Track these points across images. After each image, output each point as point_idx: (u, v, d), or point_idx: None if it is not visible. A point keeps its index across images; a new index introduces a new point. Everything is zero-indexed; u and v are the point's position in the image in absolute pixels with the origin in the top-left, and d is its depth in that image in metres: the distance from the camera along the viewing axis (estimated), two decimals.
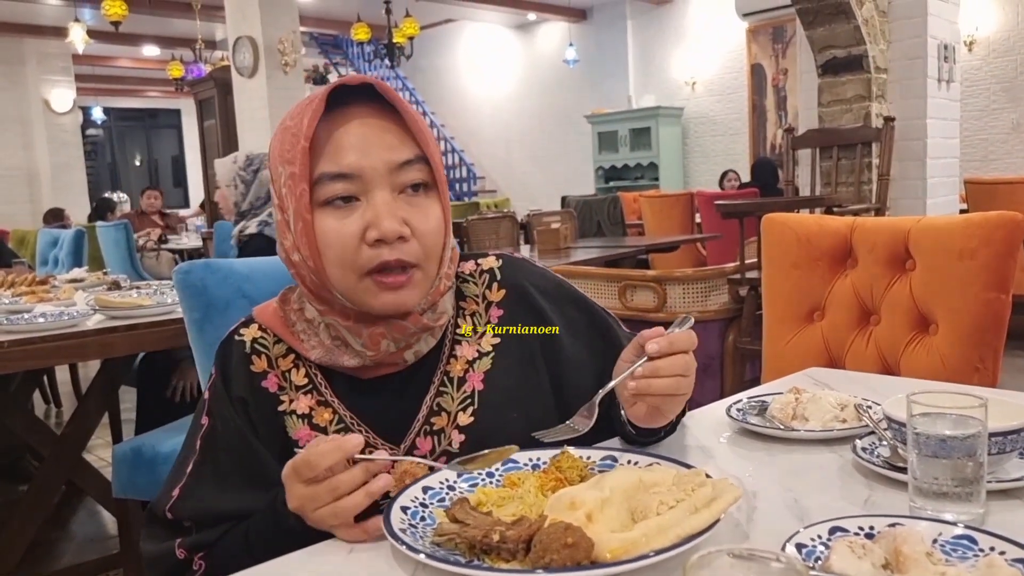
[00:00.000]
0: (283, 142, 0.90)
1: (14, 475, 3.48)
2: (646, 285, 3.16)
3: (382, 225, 0.87)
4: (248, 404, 0.95)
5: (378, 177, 0.88)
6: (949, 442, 0.75)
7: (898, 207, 4.32)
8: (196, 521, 0.91)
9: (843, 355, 1.67)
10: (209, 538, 0.89)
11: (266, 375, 0.96)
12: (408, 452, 0.95)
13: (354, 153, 0.88)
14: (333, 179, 0.88)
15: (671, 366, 0.86)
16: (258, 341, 0.98)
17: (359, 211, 0.88)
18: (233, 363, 0.97)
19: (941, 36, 4.41)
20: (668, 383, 0.86)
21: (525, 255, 1.10)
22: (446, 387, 0.97)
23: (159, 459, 2.02)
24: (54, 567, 2.64)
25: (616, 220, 6.19)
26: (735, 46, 10.25)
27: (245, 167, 2.81)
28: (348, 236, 0.88)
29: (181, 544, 0.89)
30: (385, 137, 0.89)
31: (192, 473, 0.92)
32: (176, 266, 1.57)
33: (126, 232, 5.48)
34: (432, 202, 0.92)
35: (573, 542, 0.67)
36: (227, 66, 7.93)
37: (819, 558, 0.67)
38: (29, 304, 2.66)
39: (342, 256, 0.88)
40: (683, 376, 0.87)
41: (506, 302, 1.03)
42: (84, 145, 12.37)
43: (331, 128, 0.89)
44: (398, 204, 0.89)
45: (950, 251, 1.53)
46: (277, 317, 0.98)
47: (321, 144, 0.88)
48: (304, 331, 0.96)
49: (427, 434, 0.95)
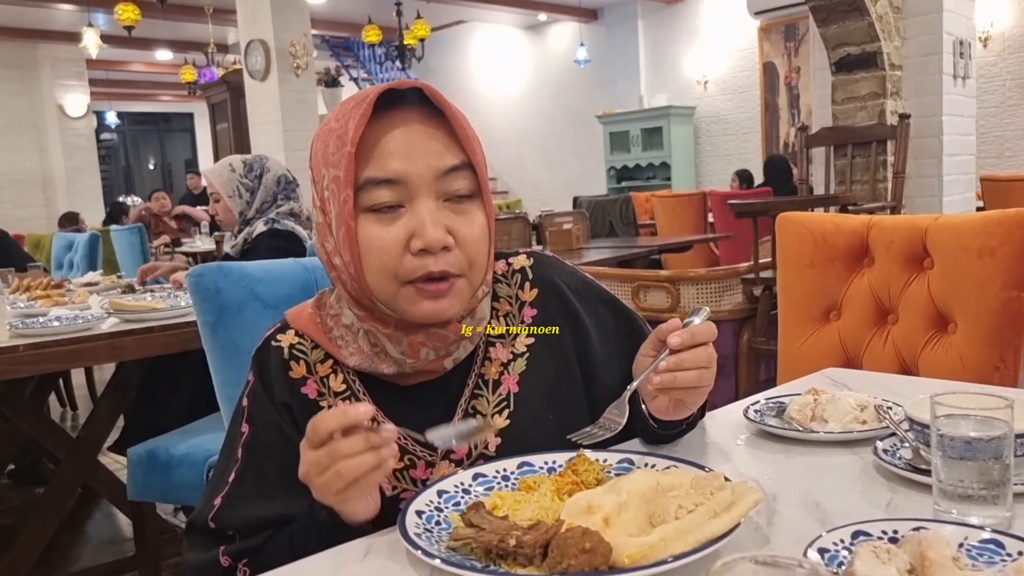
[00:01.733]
0: (327, 144, 0.89)
1: (30, 478, 3.50)
2: (659, 285, 3.14)
3: (427, 234, 0.85)
4: (292, 409, 0.94)
5: (423, 184, 0.86)
6: (975, 444, 0.74)
7: (914, 205, 4.29)
8: (240, 530, 0.90)
9: (860, 355, 1.66)
10: (253, 544, 0.89)
11: (305, 381, 0.95)
12: (444, 457, 0.94)
13: (400, 159, 0.86)
14: (378, 185, 0.86)
15: (695, 359, 0.86)
16: (296, 347, 0.96)
17: (403, 219, 0.87)
18: (272, 369, 0.96)
19: (956, 32, 4.37)
20: (692, 375, 0.86)
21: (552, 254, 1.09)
22: (481, 390, 0.96)
23: (173, 462, 2.02)
24: (70, 569, 2.65)
25: (628, 220, 6.17)
26: (747, 44, 10.21)
27: (246, 174, 2.70)
28: (391, 244, 0.86)
29: (225, 552, 0.88)
30: (431, 143, 0.87)
31: (235, 481, 0.92)
32: (189, 269, 1.57)
33: (140, 236, 5.51)
34: (477, 210, 0.90)
35: (591, 547, 0.66)
36: (239, 69, 7.97)
37: (842, 563, 0.66)
38: (44, 308, 2.67)
39: (384, 264, 0.87)
40: (706, 368, 0.87)
41: (539, 301, 1.02)
42: (98, 149, 12.45)
43: (377, 132, 0.87)
44: (443, 212, 0.87)
45: (969, 249, 1.51)
46: (313, 322, 0.97)
47: (366, 148, 0.86)
48: (342, 337, 0.95)
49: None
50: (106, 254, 5.21)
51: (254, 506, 0.90)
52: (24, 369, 2.07)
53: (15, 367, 2.00)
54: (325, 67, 10.27)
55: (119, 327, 2.20)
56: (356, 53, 13.48)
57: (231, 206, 2.71)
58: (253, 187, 2.72)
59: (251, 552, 0.88)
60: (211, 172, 2.75)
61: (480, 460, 0.94)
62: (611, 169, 11.13)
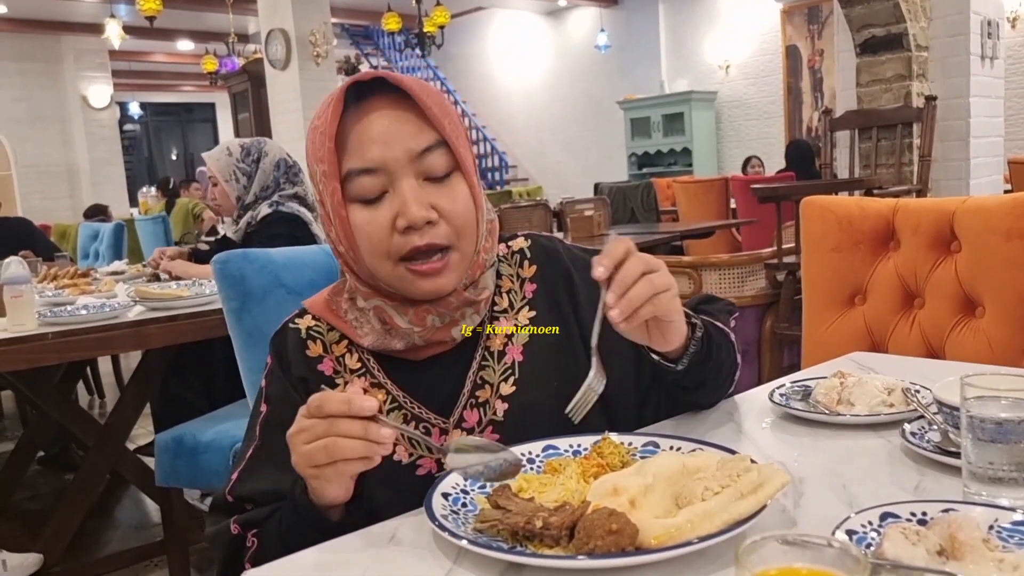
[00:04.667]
0: (313, 141, 0.94)
1: (60, 465, 3.56)
2: (681, 271, 3.12)
3: (409, 212, 0.89)
4: (308, 383, 0.98)
5: (401, 167, 0.91)
6: (1006, 425, 0.73)
7: (940, 188, 4.23)
8: (253, 501, 0.93)
9: (886, 339, 1.64)
10: (262, 515, 0.91)
11: (321, 359, 1.00)
12: (457, 425, 0.98)
13: (377, 146, 0.90)
14: (360, 174, 0.91)
15: (628, 273, 0.83)
16: (312, 329, 1.02)
17: (388, 201, 0.91)
18: (289, 348, 1.01)
19: (984, 12, 4.30)
20: (639, 288, 0.83)
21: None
22: (488, 361, 1.01)
23: (200, 448, 2.04)
24: (99, 554, 2.69)
25: (650, 207, 6.14)
26: (769, 28, 10.10)
27: (243, 158, 2.69)
28: (379, 227, 0.91)
29: (236, 520, 0.92)
30: (404, 127, 0.91)
31: (251, 457, 0.96)
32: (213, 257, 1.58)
33: (164, 225, 5.56)
34: (458, 182, 0.94)
35: (617, 528, 0.66)
36: (260, 59, 8.00)
37: (871, 545, 0.65)
38: (72, 296, 2.70)
39: (375, 246, 0.92)
40: (649, 272, 0.84)
41: (538, 276, 1.06)
42: (122, 140, 12.56)
43: (354, 124, 0.91)
44: (424, 190, 0.91)
45: (997, 231, 1.49)
46: (329, 307, 1.02)
47: (346, 140, 0.91)
48: (356, 319, 0.99)
49: (473, 406, 0.99)
50: (131, 243, 5.27)
51: (266, 479, 0.93)
52: (52, 357, 2.10)
53: (43, 355, 2.04)
54: (345, 55, 10.31)
55: (145, 315, 2.22)
56: (376, 41, 13.49)
57: (228, 191, 2.70)
58: (250, 171, 2.70)
59: (260, 522, 0.91)
60: (209, 156, 2.75)
61: (490, 426, 0.98)
62: (632, 155, 11.07)
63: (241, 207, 2.72)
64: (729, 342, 1.04)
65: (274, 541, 0.87)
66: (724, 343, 1.02)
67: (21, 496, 3.20)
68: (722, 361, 1.01)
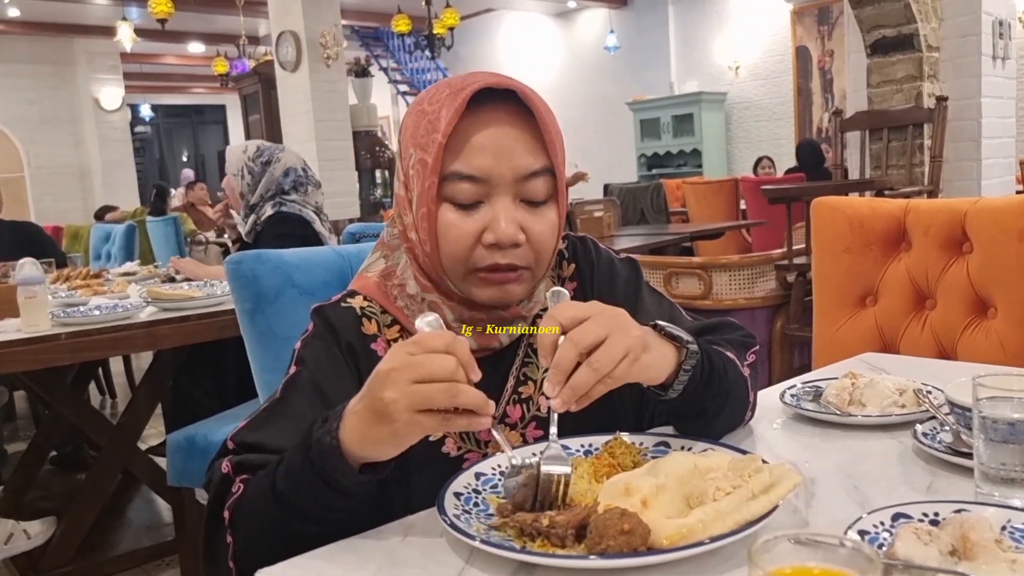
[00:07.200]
0: (418, 126, 0.92)
1: (73, 464, 3.58)
2: (691, 272, 3.12)
3: (499, 231, 0.89)
4: (357, 352, 0.96)
5: (504, 183, 0.90)
6: (1018, 426, 0.73)
7: (951, 189, 4.21)
8: (252, 447, 0.90)
9: (897, 340, 1.64)
10: (256, 461, 0.87)
11: (375, 339, 0.99)
12: (500, 420, 0.99)
13: (487, 156, 0.89)
14: (462, 179, 0.90)
15: (565, 360, 0.76)
16: (366, 309, 1.00)
17: (480, 212, 0.91)
18: (342, 318, 0.98)
19: (996, 12, 4.27)
20: (581, 378, 0.76)
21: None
22: (531, 358, 1.01)
23: (212, 448, 2.05)
24: (111, 554, 2.70)
25: (659, 208, 6.13)
26: (779, 29, 10.07)
27: (254, 158, 2.73)
28: (465, 234, 0.91)
29: (230, 460, 0.88)
30: (518, 145, 0.90)
31: (265, 409, 0.93)
32: (225, 258, 1.59)
33: (175, 226, 5.58)
34: (551, 210, 0.94)
35: (629, 528, 0.66)
36: (270, 61, 8.01)
37: (883, 545, 0.66)
38: (84, 297, 2.72)
39: (456, 252, 0.92)
40: (597, 346, 0.76)
41: (577, 274, 1.08)
42: (133, 142, 12.62)
43: (467, 127, 0.89)
44: (519, 211, 0.91)
45: (1010, 232, 1.48)
46: (381, 290, 1.00)
47: (455, 140, 0.89)
48: (407, 306, 0.98)
49: (516, 402, 1.00)
50: (142, 244, 5.29)
51: (276, 432, 0.89)
52: (65, 357, 2.12)
53: (56, 355, 2.05)
54: (355, 57, 10.30)
55: (157, 316, 2.23)
56: (386, 43, 13.50)
57: (233, 184, 2.76)
58: (257, 172, 2.73)
59: (252, 468, 0.86)
60: (230, 148, 2.85)
61: (533, 422, 0.99)
62: (642, 156, 11.05)
63: (247, 206, 2.76)
64: (739, 375, 0.96)
65: (262, 494, 0.80)
66: (731, 372, 0.94)
67: (34, 495, 3.22)
68: (726, 391, 0.92)
